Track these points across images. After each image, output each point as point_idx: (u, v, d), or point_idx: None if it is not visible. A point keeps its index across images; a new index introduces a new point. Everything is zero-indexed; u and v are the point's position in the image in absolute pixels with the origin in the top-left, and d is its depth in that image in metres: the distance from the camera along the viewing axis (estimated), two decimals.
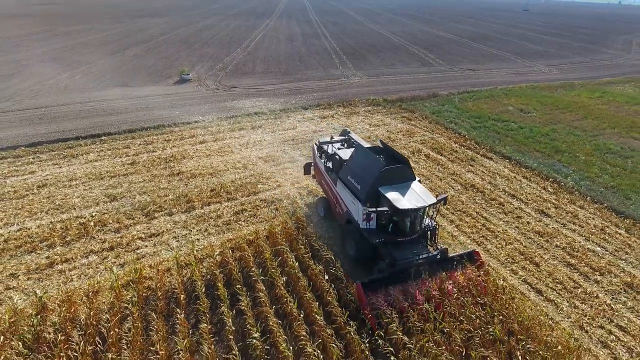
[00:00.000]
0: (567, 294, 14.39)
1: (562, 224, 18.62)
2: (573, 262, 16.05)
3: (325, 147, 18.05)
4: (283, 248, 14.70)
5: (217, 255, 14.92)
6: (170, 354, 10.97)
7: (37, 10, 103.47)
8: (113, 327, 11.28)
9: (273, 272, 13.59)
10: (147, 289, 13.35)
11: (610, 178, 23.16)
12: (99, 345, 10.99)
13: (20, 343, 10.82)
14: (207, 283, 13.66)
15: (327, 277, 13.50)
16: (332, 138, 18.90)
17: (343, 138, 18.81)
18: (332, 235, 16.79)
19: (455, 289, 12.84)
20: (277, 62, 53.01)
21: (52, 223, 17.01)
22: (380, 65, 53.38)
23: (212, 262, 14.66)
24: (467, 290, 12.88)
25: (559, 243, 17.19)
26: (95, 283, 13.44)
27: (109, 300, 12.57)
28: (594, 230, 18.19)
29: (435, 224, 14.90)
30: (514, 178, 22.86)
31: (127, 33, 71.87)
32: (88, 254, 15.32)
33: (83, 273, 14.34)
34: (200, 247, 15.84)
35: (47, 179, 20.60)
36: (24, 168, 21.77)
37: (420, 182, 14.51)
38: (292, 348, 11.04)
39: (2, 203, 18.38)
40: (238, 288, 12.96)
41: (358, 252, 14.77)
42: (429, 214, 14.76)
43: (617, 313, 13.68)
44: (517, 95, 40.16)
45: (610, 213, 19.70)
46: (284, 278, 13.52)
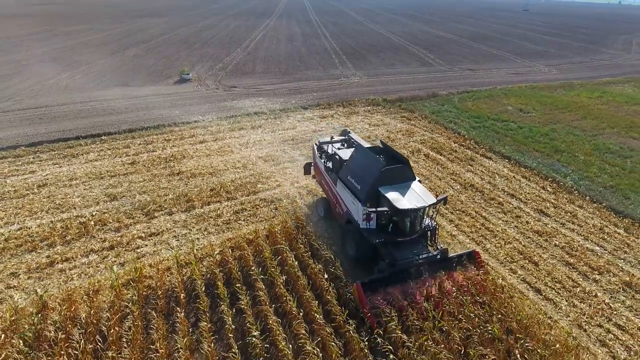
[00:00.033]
0: (565, 293, 14.43)
1: (561, 224, 18.66)
2: (572, 261, 16.10)
3: (325, 147, 18.03)
4: (283, 247, 14.73)
5: (216, 255, 14.97)
6: (170, 352, 11.02)
7: (37, 10, 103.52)
8: (113, 325, 11.33)
9: (273, 271, 13.62)
10: (147, 288, 13.40)
11: (610, 178, 23.20)
12: (100, 344, 11.05)
13: (21, 341, 10.87)
14: (207, 282, 13.71)
15: (326, 276, 13.53)
16: (332, 138, 18.87)
17: (343, 138, 18.77)
18: (331, 235, 16.82)
19: (455, 288, 12.89)
20: (277, 62, 53.05)
21: (52, 222, 17.06)
22: (380, 65, 53.41)
23: (212, 261, 14.72)
24: (466, 289, 12.94)
25: (558, 242, 17.24)
26: (96, 282, 13.47)
27: (109, 299, 12.60)
28: (593, 230, 18.24)
29: (435, 224, 14.93)
30: (513, 178, 22.91)
31: (127, 33, 71.92)
32: (88, 253, 15.38)
33: (83, 272, 14.39)
34: (200, 246, 15.89)
35: (47, 179, 20.65)
36: (24, 168, 21.83)
37: (421, 182, 14.53)
38: (291, 346, 11.10)
39: (2, 202, 18.44)
40: (238, 287, 13.02)
41: (358, 252, 14.76)
42: (429, 214, 14.77)
43: (615, 312, 13.72)
44: (516, 95, 40.19)
45: (609, 212, 19.74)
46: (284, 277, 13.55)
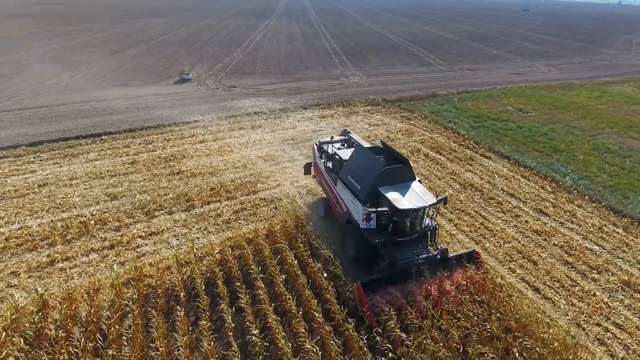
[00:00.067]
0: (564, 292, 14.48)
1: (560, 223, 18.71)
2: (571, 260, 16.14)
3: (326, 147, 18.04)
4: (282, 246, 14.77)
5: (216, 254, 15.01)
6: (170, 351, 11.08)
7: (37, 10, 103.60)
8: (113, 324, 11.39)
9: (272, 270, 13.68)
10: (147, 287, 13.45)
11: (609, 177, 23.25)
12: (100, 342, 11.11)
13: (22, 339, 10.93)
14: (206, 281, 13.76)
15: (325, 275, 13.57)
16: (332, 138, 18.89)
17: (343, 138, 18.78)
18: (330, 234, 16.87)
19: (454, 287, 12.93)
20: (277, 62, 53.11)
21: (52, 222, 17.11)
22: (380, 65, 53.46)
23: (211, 260, 14.77)
24: (465, 288, 12.98)
25: (557, 242, 17.28)
26: (96, 281, 13.53)
27: (110, 298, 12.66)
28: (592, 229, 18.29)
29: (435, 224, 14.94)
30: (513, 177, 22.96)
31: (127, 33, 71.98)
32: (89, 252, 15.43)
33: (84, 271, 14.44)
34: (200, 245, 15.94)
35: (47, 178, 20.70)
36: (25, 167, 21.88)
37: (421, 182, 14.55)
38: (291, 345, 11.14)
39: (3, 202, 18.49)
40: (237, 286, 13.08)
41: (358, 252, 14.77)
42: (429, 214, 14.78)
43: (614, 311, 13.76)
44: (516, 95, 40.24)
45: (608, 212, 19.79)
46: (283, 276, 13.61)
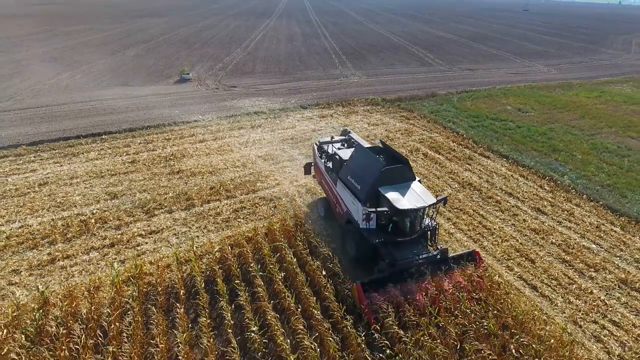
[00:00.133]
0: (561, 290, 14.57)
1: (558, 222, 18.80)
2: (568, 258, 16.23)
3: (326, 147, 18.07)
4: (281, 244, 14.88)
5: (216, 252, 15.10)
6: (170, 347, 11.18)
7: (37, 10, 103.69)
8: (114, 321, 11.49)
9: (271, 268, 13.78)
10: (147, 285, 13.55)
11: (607, 177, 23.34)
12: (100, 339, 11.20)
13: (23, 336, 11.04)
14: (206, 279, 13.85)
15: (324, 272, 13.66)
16: (332, 138, 18.93)
17: (343, 138, 18.80)
18: (330, 232, 16.95)
19: (452, 285, 12.99)
20: (276, 62, 53.21)
21: (53, 220, 17.21)
22: (380, 65, 53.56)
23: (211, 258, 14.87)
24: (462, 286, 13.06)
25: (555, 240, 17.37)
26: (97, 279, 13.63)
27: (110, 295, 12.78)
28: (590, 228, 18.38)
29: (435, 224, 14.97)
30: (511, 176, 23.05)
31: (127, 33, 72.08)
32: (89, 251, 15.53)
33: (84, 269, 14.54)
34: (200, 243, 16.04)
35: (48, 177, 20.81)
36: (26, 166, 21.98)
37: (421, 182, 14.59)
38: (289, 341, 11.24)
39: (4, 201, 18.59)
40: (237, 283, 13.19)
41: (358, 252, 14.81)
42: (429, 214, 14.81)
43: (610, 308, 13.86)
44: (515, 95, 40.32)
45: (606, 211, 19.88)
46: (282, 274, 13.70)
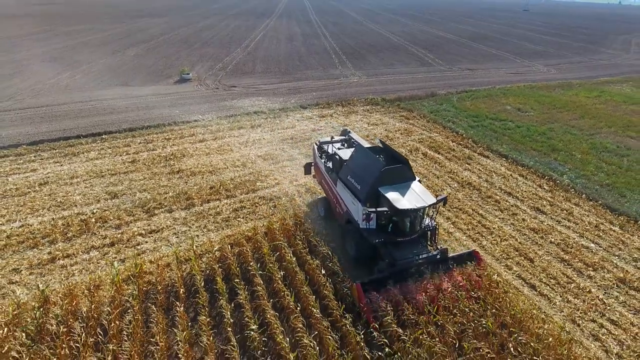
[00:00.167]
0: (560, 289, 14.62)
1: (557, 221, 18.85)
2: (567, 258, 16.28)
3: (326, 147, 18.10)
4: (281, 243, 14.93)
5: (216, 251, 15.14)
6: (170, 346, 11.24)
7: (37, 10, 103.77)
8: (114, 319, 11.55)
9: (271, 266, 13.84)
10: (147, 283, 13.60)
11: (606, 176, 23.39)
12: (100, 337, 11.25)
13: (24, 334, 11.09)
14: (206, 277, 13.90)
15: (323, 271, 13.70)
16: (332, 138, 18.96)
17: (343, 138, 18.82)
18: (329, 232, 17.00)
19: (450, 284, 13.04)
20: (276, 61, 53.26)
21: (53, 220, 17.27)
22: (380, 65, 53.61)
23: (211, 257, 14.92)
24: (461, 285, 13.11)
25: (554, 239, 17.42)
26: (97, 277, 13.68)
27: (110, 294, 12.82)
28: (589, 227, 18.42)
29: (435, 224, 14.98)
30: (510, 176, 23.10)
31: (127, 33, 72.14)
32: (89, 250, 15.58)
33: (84, 268, 14.60)
34: (200, 243, 16.09)
35: (48, 177, 20.86)
36: (26, 166, 22.04)
37: (420, 182, 14.60)
38: (289, 340, 11.29)
39: (4, 200, 18.65)
40: (236, 282, 13.24)
41: (358, 252, 14.84)
42: (429, 214, 14.82)
43: (609, 307, 13.90)
44: (515, 95, 40.37)
45: (605, 210, 19.93)
46: (282, 273, 13.75)
